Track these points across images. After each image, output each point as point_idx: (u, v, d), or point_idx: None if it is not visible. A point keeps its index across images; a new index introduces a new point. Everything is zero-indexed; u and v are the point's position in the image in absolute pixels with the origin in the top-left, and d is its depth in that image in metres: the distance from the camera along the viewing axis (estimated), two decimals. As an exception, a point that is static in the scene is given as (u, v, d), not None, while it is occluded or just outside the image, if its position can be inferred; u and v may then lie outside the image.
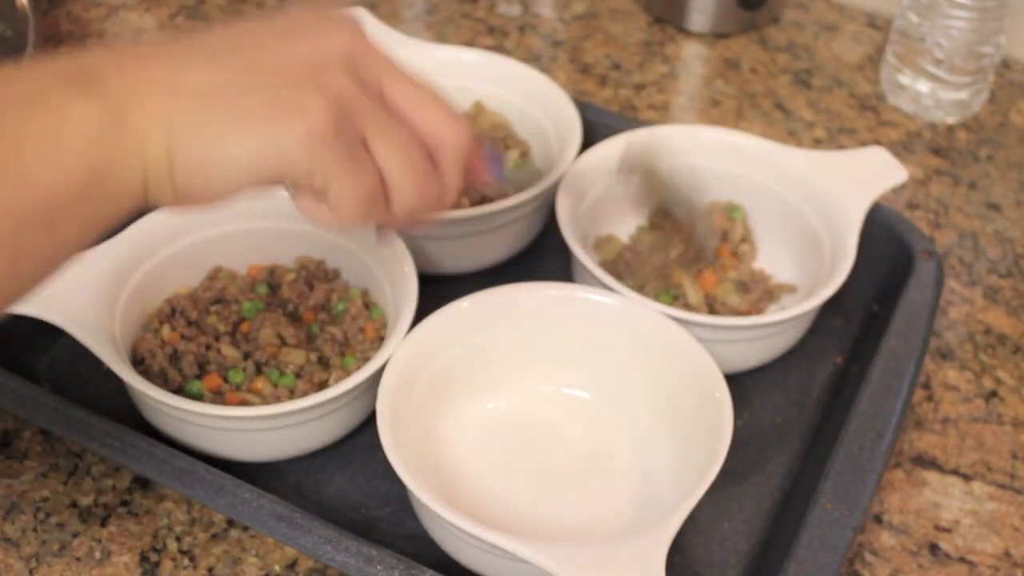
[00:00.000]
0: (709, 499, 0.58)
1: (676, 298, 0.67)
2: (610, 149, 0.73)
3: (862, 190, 0.69)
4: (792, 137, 0.87)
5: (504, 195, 0.67)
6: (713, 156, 0.74)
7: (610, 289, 0.64)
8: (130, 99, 0.39)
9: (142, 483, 0.62)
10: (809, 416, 0.66)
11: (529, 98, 0.78)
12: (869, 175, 0.70)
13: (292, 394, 0.61)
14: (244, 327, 0.65)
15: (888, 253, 0.71)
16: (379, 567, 0.52)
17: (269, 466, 0.62)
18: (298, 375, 0.62)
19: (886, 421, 0.59)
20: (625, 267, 0.68)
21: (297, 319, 0.66)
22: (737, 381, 0.67)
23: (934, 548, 0.60)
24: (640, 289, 0.66)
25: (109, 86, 0.39)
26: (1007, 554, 0.60)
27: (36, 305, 0.59)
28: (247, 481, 0.56)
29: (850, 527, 0.54)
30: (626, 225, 0.74)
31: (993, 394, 0.68)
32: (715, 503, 0.61)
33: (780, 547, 0.56)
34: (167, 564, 0.58)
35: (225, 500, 0.55)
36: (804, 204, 0.71)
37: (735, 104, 0.90)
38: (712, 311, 0.67)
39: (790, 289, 0.70)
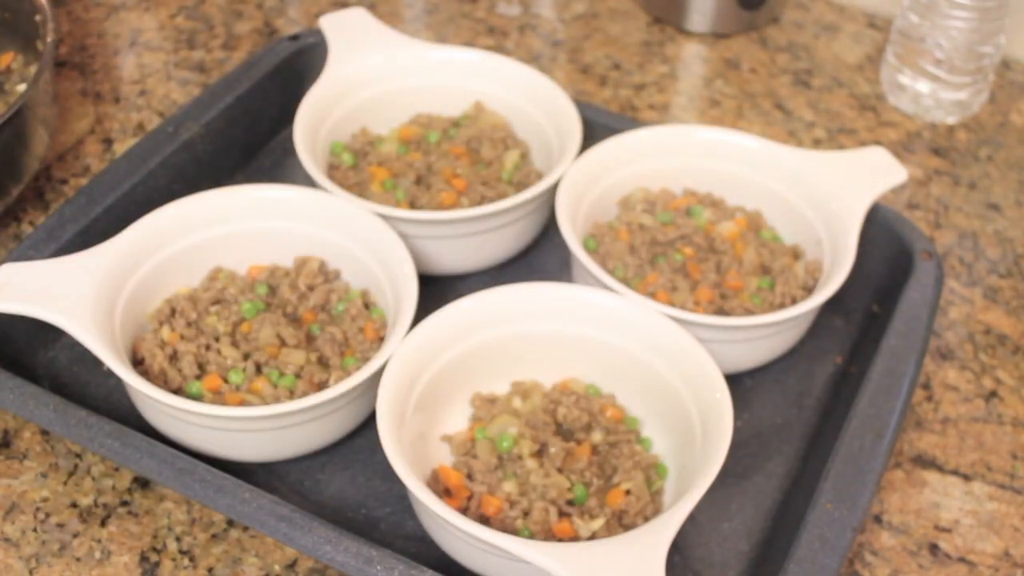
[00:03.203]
0: (709, 499, 0.58)
1: None
2: (610, 149, 0.73)
3: (862, 190, 0.69)
4: (792, 137, 0.87)
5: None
6: (713, 156, 0.74)
7: (610, 289, 0.64)
8: None
9: (142, 483, 0.62)
10: (809, 416, 0.66)
11: (529, 98, 0.78)
12: (869, 175, 0.70)
13: (292, 394, 0.61)
14: (244, 327, 0.65)
15: (888, 253, 0.71)
16: (379, 567, 0.52)
17: (269, 466, 0.62)
18: (298, 375, 0.62)
19: (886, 421, 0.59)
20: None
21: (297, 319, 0.66)
22: (737, 381, 0.67)
23: (934, 548, 0.60)
24: None
25: None
26: (1007, 554, 0.60)
27: (36, 305, 0.59)
28: (247, 481, 0.56)
29: (850, 527, 0.54)
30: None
31: (993, 394, 0.68)
32: (715, 503, 0.61)
33: (780, 547, 0.56)
34: (167, 564, 0.58)
35: (225, 500, 0.55)
36: (804, 204, 0.71)
37: (735, 104, 0.90)
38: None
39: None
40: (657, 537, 0.51)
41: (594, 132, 0.75)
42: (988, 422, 0.67)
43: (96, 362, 0.60)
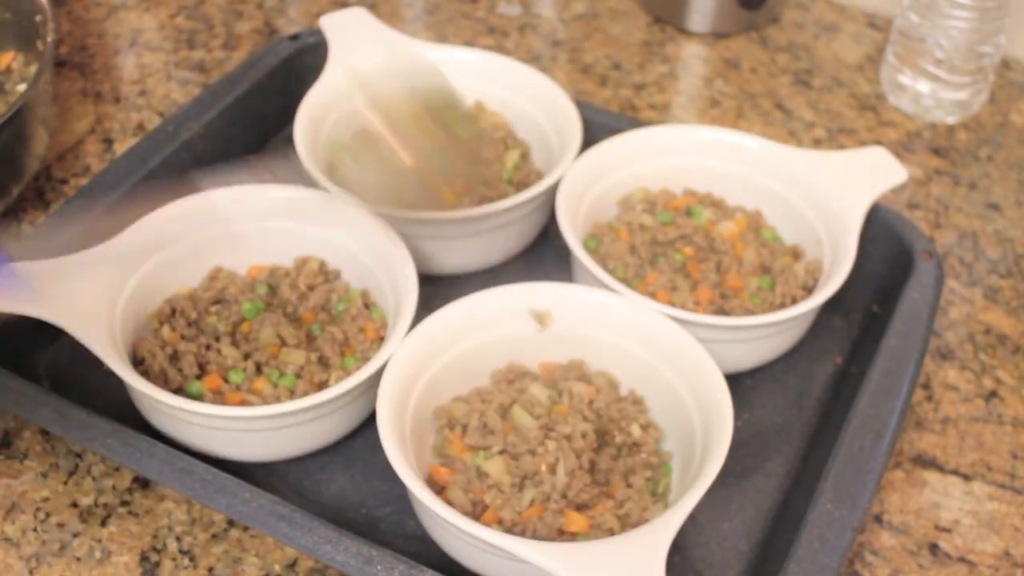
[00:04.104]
0: (709, 499, 0.58)
1: None
2: (610, 149, 0.73)
3: (862, 190, 0.69)
4: (792, 137, 0.87)
5: None
6: (713, 156, 0.74)
7: (610, 289, 0.64)
8: None
9: (142, 483, 0.62)
10: (809, 416, 0.66)
11: (529, 98, 0.78)
12: (869, 175, 0.70)
13: (292, 394, 0.61)
14: (244, 327, 0.65)
15: (888, 253, 0.71)
16: (379, 567, 0.52)
17: (269, 466, 0.62)
18: (298, 375, 0.62)
19: (886, 421, 0.59)
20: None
21: (297, 319, 0.66)
22: (737, 381, 0.67)
23: (934, 548, 0.60)
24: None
25: None
26: (1007, 554, 0.60)
27: (36, 305, 0.59)
28: (247, 481, 0.56)
29: (850, 527, 0.54)
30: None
31: (993, 394, 0.68)
32: (715, 503, 0.61)
33: (780, 547, 0.56)
34: (167, 564, 0.58)
35: (225, 500, 0.55)
36: (804, 204, 0.71)
37: (735, 104, 0.90)
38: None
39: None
40: (657, 537, 0.51)
41: (594, 132, 0.75)
42: (988, 422, 0.67)
43: (96, 362, 0.60)
